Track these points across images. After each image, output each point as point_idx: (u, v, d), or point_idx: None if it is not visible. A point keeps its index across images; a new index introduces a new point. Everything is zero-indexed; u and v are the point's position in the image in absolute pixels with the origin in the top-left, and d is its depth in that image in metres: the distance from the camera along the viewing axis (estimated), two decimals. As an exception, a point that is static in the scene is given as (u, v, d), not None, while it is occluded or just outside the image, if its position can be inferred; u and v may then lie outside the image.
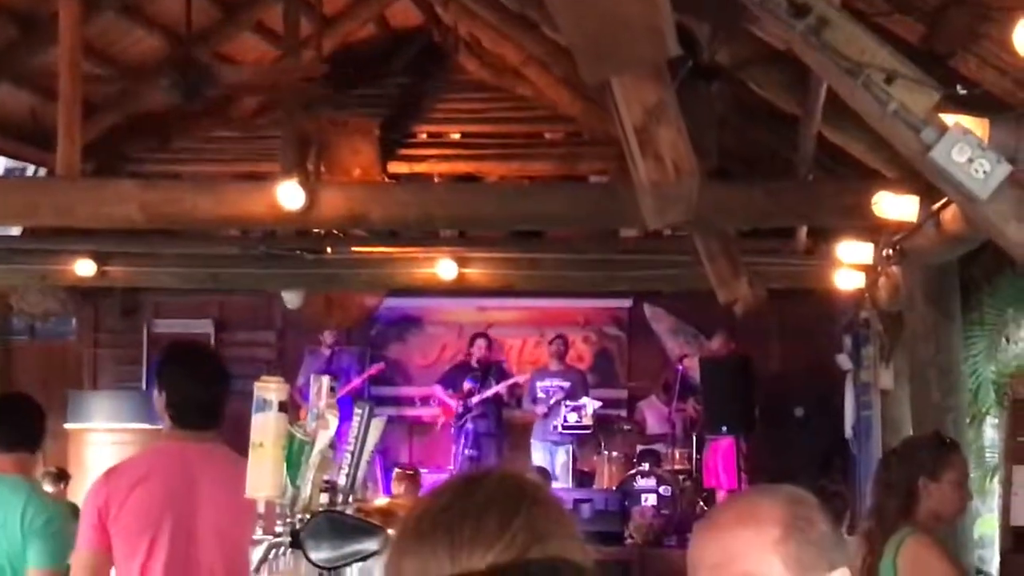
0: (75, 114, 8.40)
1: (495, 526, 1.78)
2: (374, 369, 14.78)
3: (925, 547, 5.05)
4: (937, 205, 6.88)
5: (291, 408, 3.77)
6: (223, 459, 4.87)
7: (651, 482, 13.08)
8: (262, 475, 3.66)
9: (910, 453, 5.42)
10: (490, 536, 1.77)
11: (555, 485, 13.56)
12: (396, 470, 11.88)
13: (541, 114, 14.04)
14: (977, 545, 8.68)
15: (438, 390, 14.81)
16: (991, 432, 8.98)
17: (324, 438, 3.75)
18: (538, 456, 14.25)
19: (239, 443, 4.14)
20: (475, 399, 14.41)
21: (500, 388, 14.49)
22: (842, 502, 9.56)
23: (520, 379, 14.65)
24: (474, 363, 14.69)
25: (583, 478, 14.16)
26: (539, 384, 14.39)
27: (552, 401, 14.18)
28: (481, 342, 14.80)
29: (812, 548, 2.31)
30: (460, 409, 14.41)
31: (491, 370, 14.69)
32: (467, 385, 14.53)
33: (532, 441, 14.45)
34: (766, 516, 2.31)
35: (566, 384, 14.28)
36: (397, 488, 11.27)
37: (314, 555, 3.42)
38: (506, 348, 15.36)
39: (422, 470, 13.20)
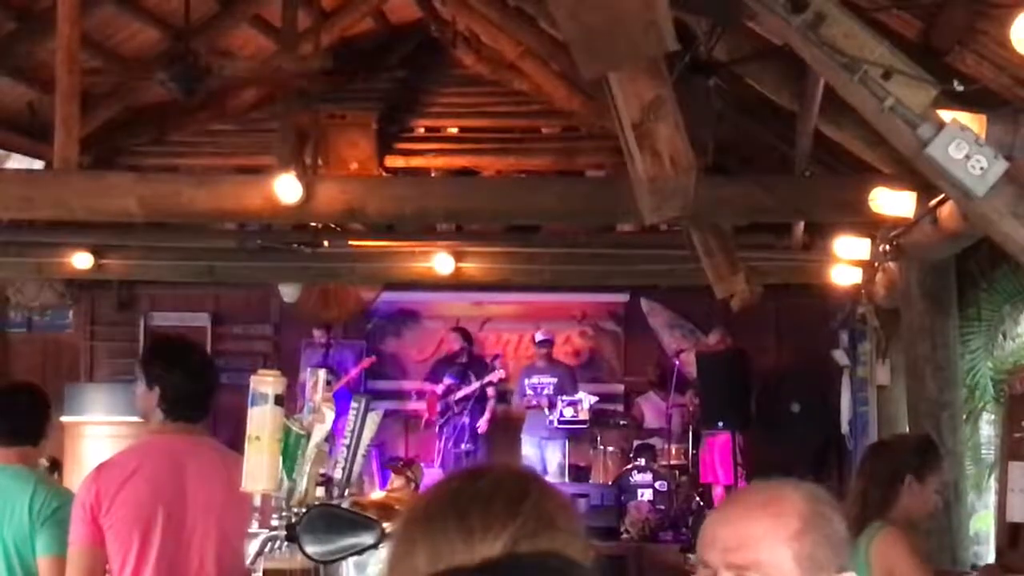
0: (73, 107, 8.39)
1: (503, 510, 1.79)
2: (366, 362, 14.78)
3: (896, 541, 5.10)
4: (934, 201, 6.89)
5: (291, 402, 3.77)
6: (211, 451, 4.89)
7: (647, 477, 13.09)
8: (259, 468, 3.66)
9: (901, 448, 5.46)
10: (500, 519, 1.78)
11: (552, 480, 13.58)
12: (392, 465, 11.90)
13: (538, 108, 14.04)
14: (973, 541, 8.69)
15: (427, 387, 14.83)
16: (987, 428, 8.99)
17: (320, 432, 3.76)
18: (528, 452, 14.26)
19: (236, 437, 4.14)
20: (457, 396, 14.43)
21: (475, 387, 14.50)
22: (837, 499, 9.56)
23: (494, 377, 14.61)
24: (453, 357, 14.73)
25: (579, 473, 14.17)
26: (527, 381, 14.39)
27: (544, 396, 14.18)
28: (454, 335, 14.82)
29: (827, 547, 2.34)
30: (442, 405, 14.44)
31: (472, 365, 14.70)
32: (447, 380, 14.56)
33: (522, 437, 14.45)
34: (788, 508, 2.34)
35: (554, 380, 14.29)
36: (396, 482, 11.26)
37: (310, 549, 3.42)
38: (502, 342, 15.38)
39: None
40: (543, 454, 14.18)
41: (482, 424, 14.55)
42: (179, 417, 4.80)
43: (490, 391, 14.63)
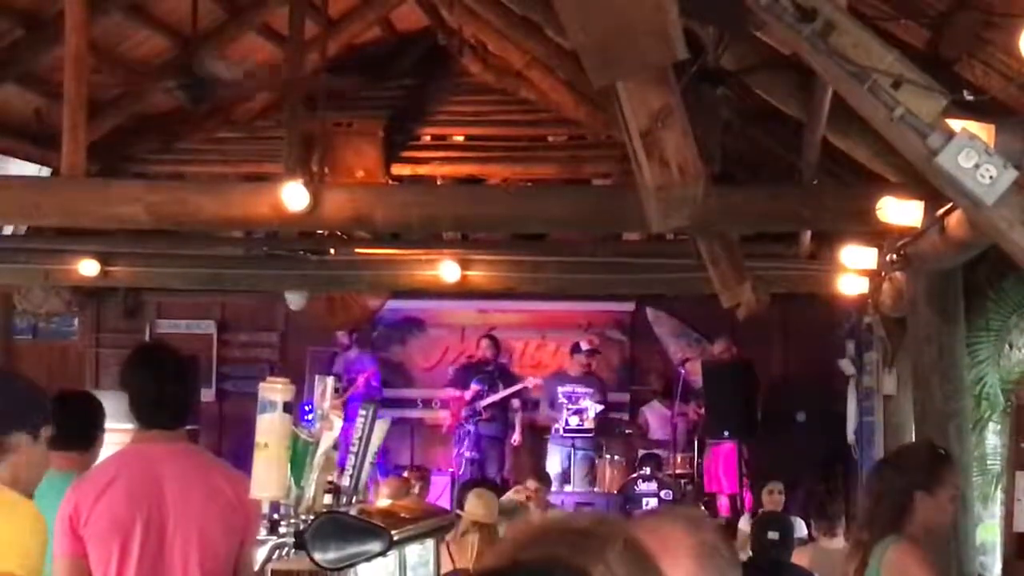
0: (80, 114, 8.39)
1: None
2: (368, 374, 14.80)
3: (907, 555, 5.09)
4: (942, 210, 6.88)
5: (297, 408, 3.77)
6: (190, 457, 4.88)
7: (652, 486, 13.09)
8: (267, 476, 3.67)
9: (906, 465, 5.41)
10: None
11: (569, 488, 13.61)
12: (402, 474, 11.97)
13: (545, 117, 14.04)
14: (979, 552, 8.67)
15: (453, 393, 14.81)
16: (993, 438, 8.98)
17: (328, 439, 3.76)
18: (556, 460, 14.25)
19: (242, 443, 4.14)
20: (484, 402, 14.43)
21: (507, 393, 14.54)
22: (839, 507, 9.58)
23: (529, 383, 14.67)
24: (481, 364, 14.74)
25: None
26: (560, 389, 14.38)
27: (579, 405, 14.20)
28: (485, 343, 14.84)
29: (718, 574, 2.33)
30: (467, 411, 14.44)
31: (498, 372, 14.73)
32: (474, 386, 14.55)
33: (550, 445, 14.46)
34: (678, 549, 2.32)
35: (590, 390, 14.30)
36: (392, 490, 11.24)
37: (318, 556, 3.43)
38: (508, 350, 15.37)
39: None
40: (571, 462, 14.15)
41: (516, 437, 14.56)
42: (152, 424, 4.79)
43: (516, 402, 14.65)
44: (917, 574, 5.08)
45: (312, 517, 3.60)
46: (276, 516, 3.67)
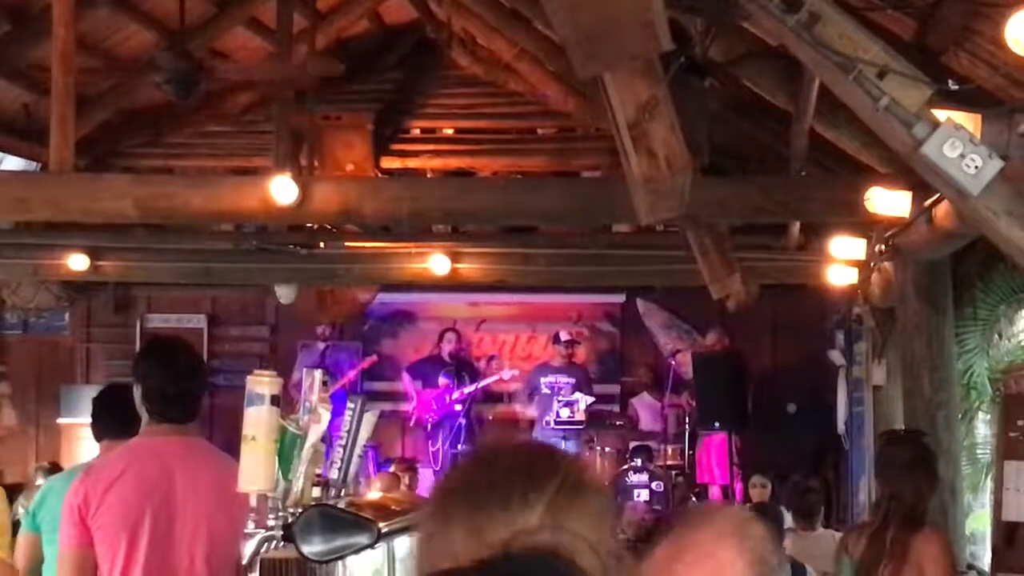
0: (68, 109, 8.39)
1: (540, 476, 1.79)
2: (367, 362, 14.81)
3: (940, 543, 5.21)
4: (929, 201, 6.89)
5: (285, 403, 3.77)
6: (201, 452, 4.88)
7: (643, 478, 13.09)
8: (255, 469, 3.67)
9: (930, 468, 5.50)
10: (538, 485, 1.77)
11: None
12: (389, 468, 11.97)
13: (534, 109, 14.02)
14: (969, 541, 8.70)
15: (406, 379, 14.83)
16: (983, 428, 9.00)
17: (316, 432, 3.77)
18: None
19: (233, 437, 4.14)
20: (458, 395, 14.45)
21: (486, 383, 14.58)
22: (818, 498, 9.59)
23: (505, 375, 14.69)
24: (446, 358, 14.76)
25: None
26: (542, 380, 14.40)
27: (562, 396, 14.21)
28: (451, 336, 14.85)
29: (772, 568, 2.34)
30: (439, 404, 14.45)
31: (464, 366, 14.75)
32: (442, 380, 14.57)
33: (535, 436, 14.49)
34: (730, 569, 2.30)
35: (572, 381, 14.32)
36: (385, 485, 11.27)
37: (306, 548, 3.43)
38: (498, 343, 15.38)
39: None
40: None
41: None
42: (164, 418, 4.79)
43: (478, 393, 14.69)
44: (942, 562, 5.19)
45: (300, 510, 3.61)
46: (267, 509, 3.67)
